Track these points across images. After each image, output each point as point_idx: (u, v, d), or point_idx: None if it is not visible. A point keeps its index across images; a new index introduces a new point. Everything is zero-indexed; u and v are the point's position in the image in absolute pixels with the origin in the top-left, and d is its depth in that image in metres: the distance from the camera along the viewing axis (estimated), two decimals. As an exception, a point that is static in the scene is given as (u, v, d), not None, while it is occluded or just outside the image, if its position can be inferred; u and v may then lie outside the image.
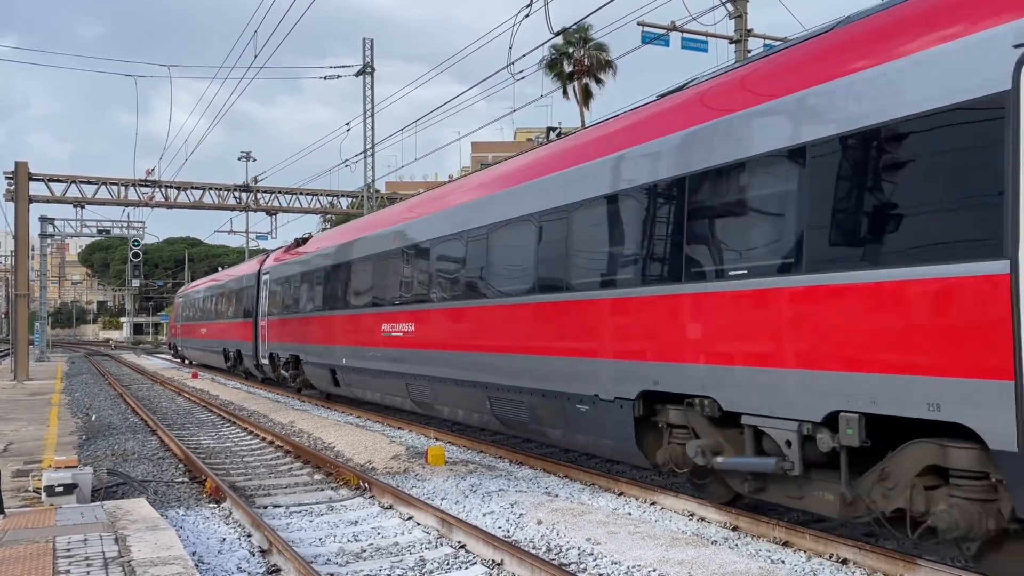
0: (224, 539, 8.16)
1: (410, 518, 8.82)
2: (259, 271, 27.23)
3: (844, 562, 6.93)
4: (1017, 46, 5.40)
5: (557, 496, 9.66)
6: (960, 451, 5.84)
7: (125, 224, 48.91)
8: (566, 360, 10.05)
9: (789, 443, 6.99)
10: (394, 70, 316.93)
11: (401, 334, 14.98)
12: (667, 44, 20.58)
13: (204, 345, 37.70)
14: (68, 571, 5.86)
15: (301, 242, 23.85)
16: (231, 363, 31.93)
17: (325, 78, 39.58)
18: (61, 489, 8.79)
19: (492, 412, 12.03)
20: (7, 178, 35.51)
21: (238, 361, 30.74)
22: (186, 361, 45.54)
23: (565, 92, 47.41)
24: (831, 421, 6.64)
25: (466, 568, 7.08)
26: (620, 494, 9.80)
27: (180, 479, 11.36)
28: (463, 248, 12.66)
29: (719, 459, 7.91)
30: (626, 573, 6.73)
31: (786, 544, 7.49)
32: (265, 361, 25.94)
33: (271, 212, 43.11)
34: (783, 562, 7.06)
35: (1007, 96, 5.45)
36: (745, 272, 7.42)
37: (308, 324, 21.21)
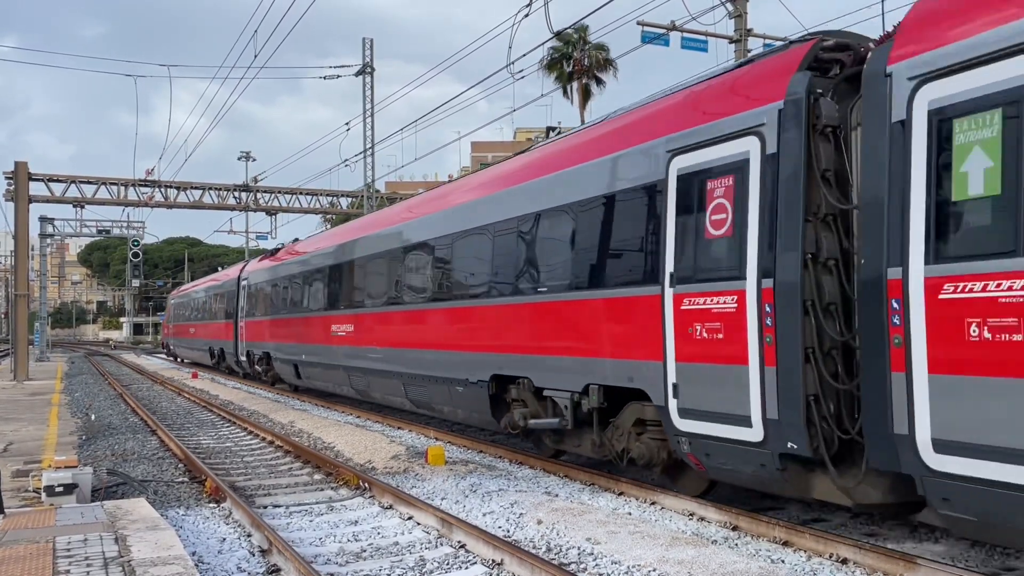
0: (224, 539, 8.16)
1: (410, 518, 8.82)
2: (239, 276, 29.84)
3: (844, 562, 6.92)
4: (668, 151, 8.40)
5: (557, 496, 9.66)
6: (648, 408, 8.77)
7: (125, 224, 48.99)
8: (448, 353, 13.08)
9: (566, 407, 10.05)
10: (394, 70, 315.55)
11: (344, 333, 18.07)
12: (667, 44, 20.61)
13: (193, 344, 40.74)
14: (68, 571, 5.86)
15: (275, 251, 26.60)
16: (215, 360, 34.57)
17: (325, 78, 39.66)
18: (61, 489, 8.78)
19: (406, 396, 15.05)
20: (7, 178, 35.47)
21: (221, 358, 33.39)
22: (179, 359, 47.82)
23: (565, 92, 47.43)
24: (588, 391, 9.59)
25: (466, 568, 7.09)
26: (620, 494, 9.80)
27: (180, 479, 11.37)
28: (384, 265, 16.06)
29: (532, 421, 10.61)
30: (626, 573, 6.73)
31: (786, 544, 7.49)
32: (243, 358, 28.71)
33: (271, 212, 43.14)
34: (783, 562, 7.06)
35: (663, 181, 8.40)
36: (545, 290, 10.39)
37: (276, 325, 24.24)
